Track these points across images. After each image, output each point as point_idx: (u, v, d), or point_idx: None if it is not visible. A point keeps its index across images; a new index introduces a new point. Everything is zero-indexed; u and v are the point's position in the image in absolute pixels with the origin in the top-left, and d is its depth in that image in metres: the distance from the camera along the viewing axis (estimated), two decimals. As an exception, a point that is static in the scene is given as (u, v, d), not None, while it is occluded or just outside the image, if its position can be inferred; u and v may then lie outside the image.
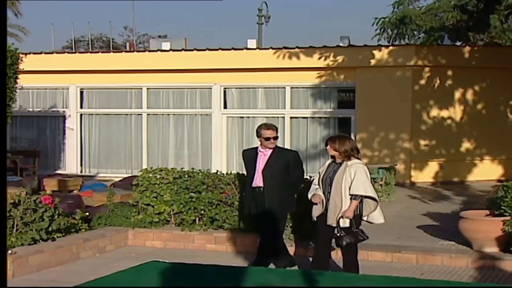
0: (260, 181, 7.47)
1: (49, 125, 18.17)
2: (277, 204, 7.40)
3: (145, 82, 17.21)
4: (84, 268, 7.89)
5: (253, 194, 7.55)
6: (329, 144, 6.84)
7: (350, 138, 7.02)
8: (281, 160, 7.47)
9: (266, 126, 7.61)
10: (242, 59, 16.39)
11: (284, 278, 3.94)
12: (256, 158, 7.55)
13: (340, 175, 6.70)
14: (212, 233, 9.38)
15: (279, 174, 7.41)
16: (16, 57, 12.55)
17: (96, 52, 19.58)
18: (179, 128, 17.37)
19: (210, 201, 9.52)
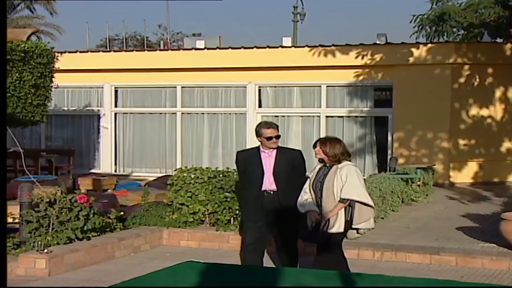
0: (272, 184, 7.01)
1: (83, 124, 18.40)
2: (292, 206, 6.84)
3: (179, 80, 17.32)
4: (119, 268, 7.98)
5: (262, 199, 7.02)
6: (319, 146, 6.47)
7: (341, 142, 6.58)
8: (287, 160, 7.09)
9: (266, 125, 7.10)
10: (277, 57, 16.39)
11: (320, 279, 3.93)
12: (260, 160, 7.06)
13: (331, 178, 6.35)
14: (248, 232, 9.36)
15: (289, 175, 7.02)
16: (51, 56, 12.72)
17: (131, 51, 19.76)
18: (213, 127, 17.44)
19: (245, 200, 9.51)
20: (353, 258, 8.51)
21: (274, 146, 7.05)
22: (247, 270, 4.29)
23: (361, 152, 16.52)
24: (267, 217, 7.03)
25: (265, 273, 4.26)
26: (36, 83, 12.45)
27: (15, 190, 10.91)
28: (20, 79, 12.06)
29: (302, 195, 6.57)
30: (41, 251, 7.59)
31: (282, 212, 6.99)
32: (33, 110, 12.63)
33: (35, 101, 12.59)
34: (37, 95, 12.63)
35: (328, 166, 6.46)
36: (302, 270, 4.26)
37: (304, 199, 6.56)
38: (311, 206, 6.48)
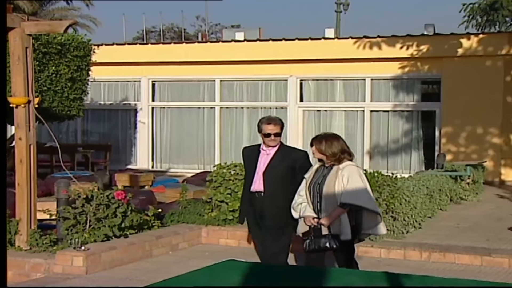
0: (260, 185, 6.51)
1: (120, 118, 18.60)
2: (280, 214, 6.35)
3: (218, 74, 17.38)
4: (157, 266, 8.05)
5: (251, 200, 6.59)
6: (314, 145, 6.01)
7: (339, 138, 6.11)
8: (287, 161, 6.51)
9: (267, 120, 6.61)
10: (320, 50, 16.33)
11: (367, 280, 3.91)
12: (257, 158, 6.61)
13: (332, 180, 5.89)
14: (288, 232, 9.36)
15: (284, 178, 6.44)
16: (88, 48, 12.89)
17: (168, 43, 19.91)
18: (253, 122, 17.45)
19: (286, 198, 9.50)
20: (399, 258, 8.45)
21: (272, 144, 6.53)
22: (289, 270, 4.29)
23: (407, 148, 16.37)
24: (257, 220, 6.60)
25: (309, 273, 4.25)
26: (72, 77, 12.63)
27: (51, 186, 11.12)
28: (57, 72, 12.25)
29: (296, 199, 6.11)
30: (78, 249, 7.70)
31: (272, 216, 6.46)
32: (69, 104, 12.82)
33: (72, 95, 12.77)
34: (73, 89, 12.82)
35: (328, 167, 6.01)
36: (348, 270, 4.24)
37: (298, 203, 6.08)
38: (306, 211, 6.01)
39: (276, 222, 6.46)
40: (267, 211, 6.48)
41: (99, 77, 15.29)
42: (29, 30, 7.89)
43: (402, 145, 16.31)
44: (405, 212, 9.27)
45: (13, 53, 7.90)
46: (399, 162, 16.43)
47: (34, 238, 8.06)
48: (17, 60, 7.85)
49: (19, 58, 7.84)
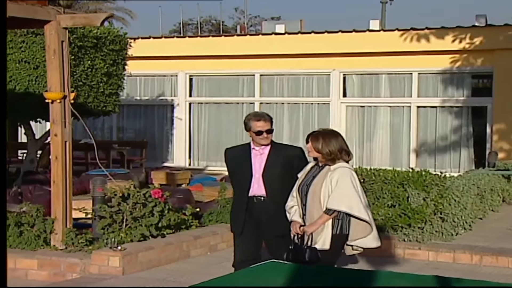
0: (261, 189, 6.13)
1: (156, 114, 18.74)
2: (283, 219, 5.95)
3: (257, 68, 17.40)
4: (195, 267, 8.10)
5: (249, 206, 6.16)
6: (311, 142, 5.65)
7: (338, 136, 5.72)
8: (283, 159, 6.16)
9: (256, 116, 6.20)
10: (364, 42, 16.24)
11: (416, 284, 3.89)
12: (249, 159, 6.19)
13: (319, 181, 5.56)
14: (331, 233, 9.35)
15: (283, 178, 6.07)
16: (125, 42, 13.02)
17: (206, 36, 20.00)
18: (293, 118, 17.45)
19: (329, 198, 9.50)
20: (447, 261, 8.38)
21: (265, 143, 6.14)
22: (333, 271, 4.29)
23: (456, 146, 16.19)
24: (258, 228, 6.19)
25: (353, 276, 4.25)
26: (108, 71, 12.78)
27: (86, 183, 11.28)
28: (92, 67, 12.41)
29: (289, 200, 5.81)
30: (115, 249, 7.79)
31: (274, 223, 6.10)
32: (105, 99, 12.98)
33: (107, 90, 12.93)
34: (109, 83, 12.97)
35: (320, 166, 5.66)
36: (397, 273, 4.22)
37: (290, 206, 5.79)
38: (294, 216, 5.69)
39: (278, 229, 6.06)
40: (268, 216, 6.09)
41: (135, 71, 15.42)
42: (65, 23, 8.00)
43: (451, 143, 16.13)
44: (455, 213, 9.18)
45: (49, 47, 8.02)
46: (448, 160, 16.25)
47: (70, 237, 8.18)
48: (53, 54, 7.97)
49: (55, 52, 7.96)
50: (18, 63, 11.88)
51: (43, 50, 11.22)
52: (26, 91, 11.84)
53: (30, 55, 11.85)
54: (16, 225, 8.37)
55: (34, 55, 11.83)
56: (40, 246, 8.22)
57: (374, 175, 9.97)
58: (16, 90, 11.87)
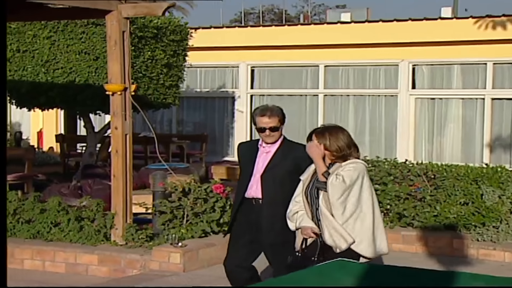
0: (258, 190, 5.81)
1: (217, 107, 18.86)
2: (281, 226, 5.62)
3: (322, 59, 17.35)
4: (258, 265, 8.14)
5: (246, 208, 5.88)
6: (316, 139, 5.32)
7: (344, 130, 5.46)
8: (290, 160, 5.78)
9: (261, 111, 5.84)
10: (435, 31, 16.01)
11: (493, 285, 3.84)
12: (254, 157, 5.90)
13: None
14: (399, 231, 9.32)
15: (286, 181, 5.71)
16: (185, 32, 13.15)
17: (268, 26, 20.01)
18: (359, 110, 17.35)
19: (398, 194, 9.46)
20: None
21: (269, 141, 5.81)
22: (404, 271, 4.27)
23: (537, 141, 15.86)
24: (253, 234, 5.88)
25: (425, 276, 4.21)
26: (168, 62, 12.93)
27: (145, 178, 11.44)
28: (152, 58, 12.57)
29: (291, 206, 5.44)
30: (175, 245, 7.91)
31: (270, 229, 5.78)
32: (165, 91, 13.15)
33: (167, 82, 13.08)
34: (169, 75, 13.13)
35: (328, 166, 5.33)
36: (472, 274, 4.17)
37: (293, 212, 5.42)
38: (304, 221, 5.36)
39: (276, 236, 5.75)
40: (264, 222, 5.78)
41: (195, 62, 15.55)
42: (126, 13, 8.14)
43: (528, 138, 15.81)
44: (533, 212, 9.01)
45: (110, 38, 8.17)
46: (526, 158, 15.94)
47: (130, 232, 8.34)
48: (114, 45, 8.12)
49: (115, 42, 8.11)
50: (78, 54, 12.11)
51: (104, 41, 11.48)
52: (86, 82, 12.07)
53: (90, 46, 12.07)
54: (77, 220, 8.58)
55: (94, 46, 12.04)
56: (100, 242, 8.40)
57: (445, 171, 9.88)
58: (76, 81, 12.12)
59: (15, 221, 8.82)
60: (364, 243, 5.24)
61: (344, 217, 5.20)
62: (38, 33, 12.28)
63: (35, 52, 12.39)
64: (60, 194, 10.30)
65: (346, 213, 5.21)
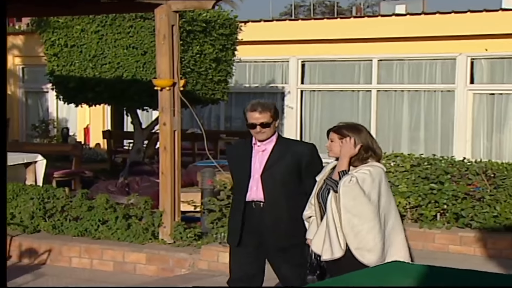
0: (259, 192, 5.51)
1: (266, 102, 18.86)
2: (286, 229, 5.46)
3: (375, 53, 17.23)
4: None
5: (247, 212, 5.56)
6: (333, 139, 5.04)
7: (363, 129, 5.09)
8: (289, 158, 5.51)
9: (251, 106, 5.53)
10: (496, 23, 15.75)
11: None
12: (249, 157, 5.57)
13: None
14: (457, 232, 9.21)
15: (288, 180, 5.49)
16: (235, 26, 13.20)
17: (320, 19, 19.95)
18: (414, 107, 17.19)
19: (455, 194, 9.35)
20: None
21: (260, 138, 5.51)
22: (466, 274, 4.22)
23: None
24: (258, 240, 5.57)
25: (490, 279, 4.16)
26: (217, 57, 12.99)
27: (193, 175, 11.54)
28: (201, 52, 12.64)
29: (306, 208, 5.19)
30: (224, 244, 7.94)
31: (275, 233, 5.50)
32: (213, 87, 13.21)
33: (216, 77, 13.15)
34: (218, 70, 13.19)
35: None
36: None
37: (306, 216, 5.18)
38: (309, 230, 5.14)
39: (281, 240, 5.50)
40: (268, 225, 5.50)
41: (244, 57, 15.60)
42: (176, 7, 8.20)
43: None
44: None
45: (159, 32, 8.23)
46: None
47: (178, 231, 8.41)
48: (163, 39, 8.18)
49: (164, 37, 8.17)
50: (126, 49, 12.24)
51: (152, 35, 11.58)
52: (133, 78, 12.20)
53: (138, 40, 12.19)
54: (124, 218, 8.68)
55: (142, 40, 12.15)
56: (148, 240, 8.49)
57: (506, 169, 9.73)
58: (123, 77, 12.25)
59: (62, 218, 8.97)
60: (374, 253, 4.89)
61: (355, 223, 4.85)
62: (86, 28, 12.44)
63: (83, 47, 12.56)
64: (107, 191, 10.45)
65: (360, 220, 4.85)
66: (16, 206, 9.14)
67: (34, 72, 20.49)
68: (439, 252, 9.06)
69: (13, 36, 20.54)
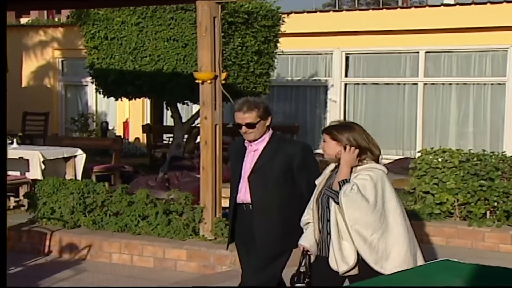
0: (247, 194, 5.41)
1: (308, 96, 18.86)
2: (275, 232, 5.34)
3: (422, 44, 17.09)
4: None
5: (239, 215, 5.51)
6: (325, 139, 4.86)
7: (356, 128, 4.88)
8: (280, 158, 5.36)
9: (237, 105, 5.42)
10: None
11: None
12: (242, 157, 5.50)
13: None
14: (508, 230, 9.14)
15: (277, 182, 5.34)
16: (277, 17, 13.18)
17: (365, 10, 19.84)
18: (462, 100, 17.03)
19: (506, 191, 9.27)
20: None
21: (248, 138, 5.39)
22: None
23: None
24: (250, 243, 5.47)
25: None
26: (259, 49, 12.99)
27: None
28: (243, 44, 12.65)
29: (304, 214, 4.96)
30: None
31: (264, 239, 5.37)
32: (255, 80, 13.22)
33: (258, 70, 13.15)
34: (259, 63, 13.19)
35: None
36: None
37: (305, 222, 4.95)
38: (304, 235, 4.89)
39: (271, 247, 5.36)
40: (257, 230, 5.36)
41: (286, 49, 15.57)
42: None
43: None
44: None
45: (201, 24, 8.26)
46: None
47: (219, 227, 8.45)
48: (205, 31, 8.21)
49: (206, 29, 8.20)
50: (167, 41, 12.29)
51: (193, 27, 11.63)
52: (173, 71, 12.25)
53: (179, 32, 12.23)
54: (165, 213, 8.74)
55: (183, 32, 12.19)
56: (189, 236, 8.54)
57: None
58: (164, 70, 12.32)
59: (103, 213, 9.07)
60: (390, 262, 4.68)
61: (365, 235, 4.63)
62: (126, 20, 12.52)
63: (123, 39, 12.65)
64: (147, 186, 10.54)
65: (368, 230, 4.63)
66: (56, 200, 9.26)
67: (73, 65, 20.73)
68: (489, 251, 9.00)
69: (52, 28, 20.81)
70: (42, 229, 9.06)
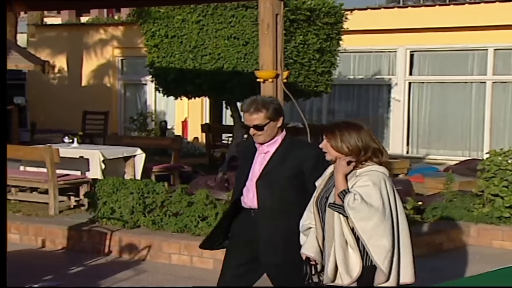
0: (254, 199, 5.18)
1: (371, 95, 18.77)
2: (286, 243, 5.07)
3: (491, 41, 16.85)
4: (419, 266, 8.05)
5: (243, 219, 5.30)
6: (326, 139, 4.56)
7: (361, 128, 4.58)
8: (290, 162, 5.12)
9: (245, 106, 5.17)
10: None
11: None
12: (251, 159, 5.28)
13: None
14: None
15: (287, 188, 5.12)
16: (340, 14, 13.15)
17: (431, 6, 19.61)
18: (533, 100, 16.80)
19: None
20: None
21: (258, 141, 5.16)
22: None
23: None
24: (251, 252, 5.23)
25: None
26: (321, 47, 12.97)
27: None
28: (304, 42, 12.65)
29: (304, 217, 4.73)
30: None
31: (269, 247, 5.14)
32: (316, 78, 13.21)
33: (319, 68, 13.13)
34: (321, 61, 13.17)
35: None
36: None
37: (306, 226, 4.72)
38: (306, 243, 4.67)
39: (277, 256, 5.12)
40: (263, 238, 5.14)
41: (349, 47, 15.52)
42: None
43: None
44: None
45: (263, 21, 8.27)
46: None
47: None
48: (266, 28, 8.21)
49: (268, 26, 8.20)
50: (227, 39, 12.35)
51: (254, 25, 11.67)
52: (234, 69, 12.31)
53: (240, 30, 12.28)
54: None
55: (244, 30, 12.23)
56: (249, 237, 8.55)
57: None
58: (224, 68, 12.38)
59: (162, 213, 9.14)
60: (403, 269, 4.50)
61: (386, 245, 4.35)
62: (187, 18, 12.63)
63: (183, 38, 12.76)
64: (207, 187, 10.59)
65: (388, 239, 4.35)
66: (116, 200, 9.38)
67: (133, 64, 21.01)
68: None
69: (112, 27, 21.12)
70: (102, 229, 9.18)
